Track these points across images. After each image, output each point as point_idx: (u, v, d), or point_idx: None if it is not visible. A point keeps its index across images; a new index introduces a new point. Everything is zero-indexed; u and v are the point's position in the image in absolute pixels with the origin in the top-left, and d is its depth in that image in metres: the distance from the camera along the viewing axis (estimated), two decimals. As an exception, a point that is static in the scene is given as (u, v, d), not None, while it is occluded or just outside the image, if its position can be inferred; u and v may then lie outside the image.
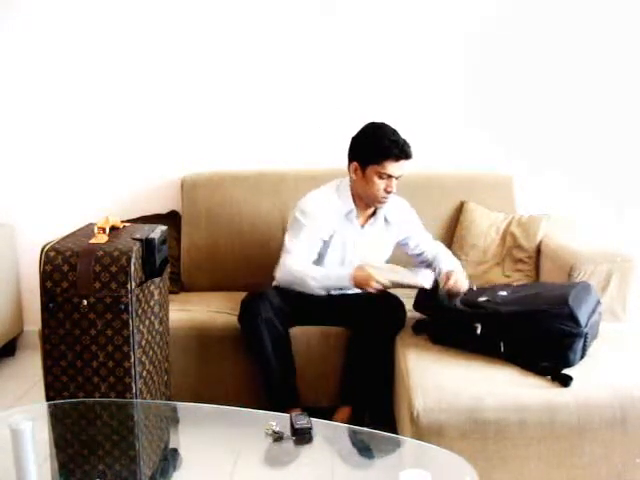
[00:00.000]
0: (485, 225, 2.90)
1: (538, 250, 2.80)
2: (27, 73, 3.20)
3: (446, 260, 2.65)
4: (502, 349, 2.08)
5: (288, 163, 2.99)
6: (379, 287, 2.40)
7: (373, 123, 2.52)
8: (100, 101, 3.21)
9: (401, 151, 2.42)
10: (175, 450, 1.98)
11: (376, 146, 2.44)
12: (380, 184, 2.45)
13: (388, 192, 2.46)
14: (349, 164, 2.52)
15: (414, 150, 3.13)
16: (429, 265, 2.68)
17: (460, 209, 2.99)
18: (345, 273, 2.46)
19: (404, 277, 2.41)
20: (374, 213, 2.60)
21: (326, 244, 2.56)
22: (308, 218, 2.52)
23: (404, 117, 3.16)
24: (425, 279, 2.40)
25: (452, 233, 2.97)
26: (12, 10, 3.14)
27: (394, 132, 2.46)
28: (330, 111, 2.81)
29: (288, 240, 2.56)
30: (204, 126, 3.22)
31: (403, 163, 2.44)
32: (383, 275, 2.39)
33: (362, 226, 2.60)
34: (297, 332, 2.54)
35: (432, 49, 3.14)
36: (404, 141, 2.44)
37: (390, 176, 2.44)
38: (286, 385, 2.49)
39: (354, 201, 2.56)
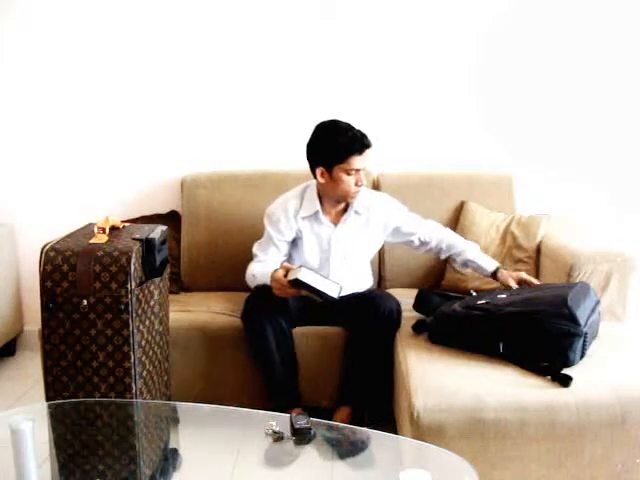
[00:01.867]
0: (485, 225, 2.90)
1: (538, 250, 2.79)
2: (28, 74, 3.19)
3: (469, 249, 2.65)
4: (501, 349, 2.08)
5: (288, 163, 2.99)
6: (284, 286, 2.34)
7: (323, 124, 2.52)
8: (100, 101, 3.21)
9: (362, 143, 2.44)
10: (175, 450, 1.98)
11: (337, 146, 2.44)
12: (350, 180, 2.47)
13: (359, 185, 2.49)
14: (313, 170, 2.53)
15: (414, 151, 3.19)
16: (439, 252, 2.69)
17: (460, 209, 2.99)
18: (269, 271, 2.42)
19: (316, 279, 2.33)
20: (345, 210, 2.61)
21: (298, 246, 2.61)
22: (270, 223, 2.60)
23: (405, 118, 3.19)
24: (332, 289, 2.34)
25: (452, 233, 2.97)
26: (13, 11, 3.14)
27: (349, 127, 2.47)
28: (330, 112, 2.81)
29: (255, 245, 2.65)
30: (204, 126, 3.22)
31: (367, 154, 2.46)
32: (294, 274, 2.33)
33: (335, 224, 2.61)
34: (297, 332, 2.54)
35: (432, 50, 3.14)
36: (361, 132, 2.46)
37: (358, 170, 2.46)
38: (288, 384, 2.49)
39: (320, 202, 2.59)
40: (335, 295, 2.35)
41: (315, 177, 2.54)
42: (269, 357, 2.45)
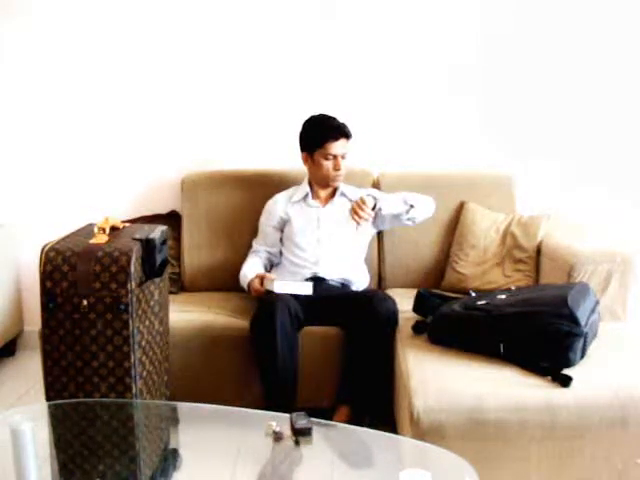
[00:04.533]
0: (485, 225, 2.90)
1: (538, 250, 2.79)
2: (28, 74, 3.19)
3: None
4: (502, 350, 2.08)
5: (288, 163, 2.99)
6: (262, 293, 2.60)
7: (312, 115, 2.78)
8: (100, 102, 3.21)
9: (338, 131, 2.70)
10: (175, 450, 1.98)
11: (316, 133, 2.72)
12: (328, 164, 2.72)
13: (337, 170, 2.73)
14: (301, 157, 2.79)
15: (414, 151, 3.18)
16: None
17: (460, 209, 2.99)
18: (249, 279, 2.68)
19: (288, 287, 2.54)
20: (333, 195, 2.83)
21: (287, 231, 2.80)
22: (262, 215, 2.88)
23: (405, 118, 3.19)
24: (306, 289, 2.53)
25: (452, 233, 2.97)
26: (13, 12, 3.14)
27: (331, 118, 2.75)
28: (330, 112, 2.82)
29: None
30: (204, 126, 3.22)
31: (343, 142, 2.71)
32: (270, 284, 2.55)
33: (324, 206, 2.82)
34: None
35: (433, 51, 3.14)
36: (340, 123, 2.73)
37: (335, 156, 2.70)
38: (288, 390, 2.48)
39: (311, 187, 2.83)
40: (310, 292, 2.52)
41: (303, 163, 2.80)
42: (276, 364, 2.43)
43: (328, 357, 2.55)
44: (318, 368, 2.55)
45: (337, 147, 2.69)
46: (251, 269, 2.75)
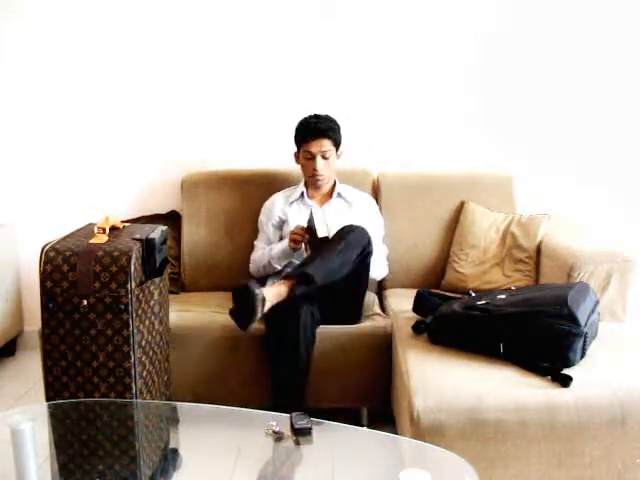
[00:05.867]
0: (485, 225, 2.90)
1: (538, 250, 2.79)
2: (28, 74, 3.20)
3: None
4: (502, 350, 2.08)
5: (288, 163, 2.99)
6: (298, 233, 2.63)
7: (305, 116, 2.79)
8: (100, 102, 3.21)
9: (313, 131, 2.71)
10: (175, 450, 1.98)
11: (298, 132, 2.76)
12: (309, 164, 2.75)
13: (315, 169, 2.73)
14: (294, 156, 2.85)
15: (414, 151, 3.18)
16: None
17: (460, 209, 2.99)
18: (284, 241, 2.72)
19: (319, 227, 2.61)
20: (331, 196, 2.84)
21: (286, 230, 2.79)
22: (262, 214, 2.89)
23: (405, 118, 3.19)
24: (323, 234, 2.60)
25: (452, 233, 2.97)
26: (13, 12, 3.14)
27: (313, 117, 2.75)
28: (330, 112, 2.82)
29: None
30: (204, 126, 3.22)
31: (321, 142, 2.71)
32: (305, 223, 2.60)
33: (321, 207, 2.83)
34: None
35: (433, 51, 3.14)
36: (316, 121, 2.73)
37: (313, 155, 2.72)
38: (300, 391, 2.46)
39: (306, 187, 2.86)
40: (322, 235, 2.58)
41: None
42: (296, 365, 2.41)
43: (329, 357, 2.54)
44: (319, 369, 2.54)
45: (314, 146, 2.70)
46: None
